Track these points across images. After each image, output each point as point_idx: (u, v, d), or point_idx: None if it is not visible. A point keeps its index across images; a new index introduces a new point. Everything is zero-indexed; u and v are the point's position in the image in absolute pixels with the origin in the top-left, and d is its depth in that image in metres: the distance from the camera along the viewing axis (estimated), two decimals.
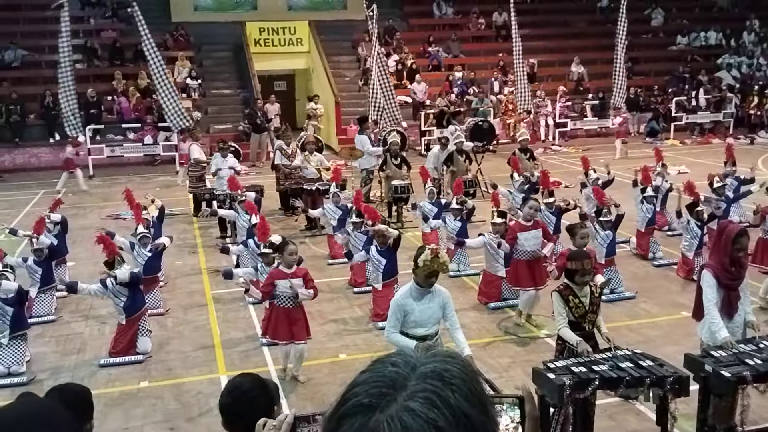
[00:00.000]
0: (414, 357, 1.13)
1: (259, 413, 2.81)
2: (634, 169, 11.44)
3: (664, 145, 20.35)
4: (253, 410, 2.90)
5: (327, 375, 7.19)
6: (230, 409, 3.01)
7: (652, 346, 6.93)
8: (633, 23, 26.41)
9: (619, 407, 6.14)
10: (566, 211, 10.15)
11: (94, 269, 10.19)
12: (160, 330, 8.46)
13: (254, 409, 2.92)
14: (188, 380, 7.20)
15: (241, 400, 3.00)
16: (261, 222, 8.72)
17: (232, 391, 3.07)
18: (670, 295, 9.10)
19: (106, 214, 13.38)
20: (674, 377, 4.90)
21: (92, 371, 7.42)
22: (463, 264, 10.15)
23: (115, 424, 6.31)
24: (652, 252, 10.48)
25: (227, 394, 3.07)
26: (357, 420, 1.06)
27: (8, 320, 7.38)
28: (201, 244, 12.02)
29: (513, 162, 12.40)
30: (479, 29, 25.46)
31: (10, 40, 21.64)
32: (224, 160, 12.58)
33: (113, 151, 18.52)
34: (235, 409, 2.99)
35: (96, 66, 21.92)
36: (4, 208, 14.69)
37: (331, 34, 23.65)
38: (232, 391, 3.08)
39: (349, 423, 1.06)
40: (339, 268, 10.29)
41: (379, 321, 8.07)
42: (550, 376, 4.89)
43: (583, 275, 5.68)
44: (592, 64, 24.33)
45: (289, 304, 6.97)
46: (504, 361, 7.38)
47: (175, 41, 22.95)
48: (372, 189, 14.19)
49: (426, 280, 5.45)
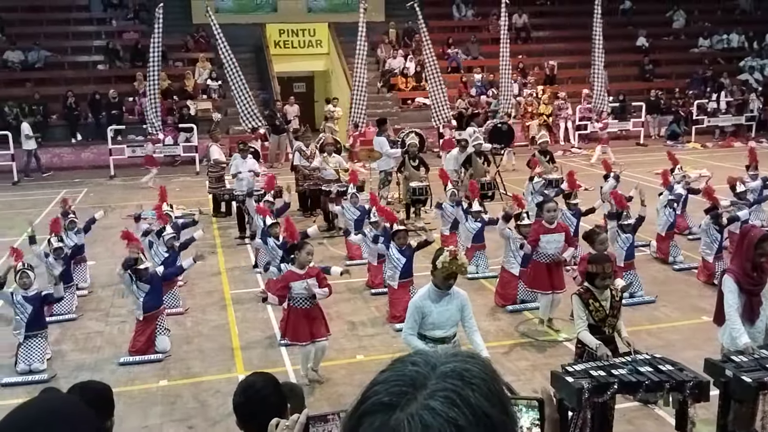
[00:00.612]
0: (434, 356, 1.14)
1: (272, 412, 2.82)
2: (654, 172, 11.35)
3: (685, 148, 20.20)
4: (265, 409, 2.91)
5: (344, 376, 7.20)
6: (243, 408, 3.02)
7: (672, 350, 6.87)
8: (654, 25, 26.30)
9: (638, 412, 6.09)
10: (586, 214, 10.10)
11: (115, 268, 10.28)
12: (179, 329, 8.52)
13: (267, 407, 2.92)
14: (207, 379, 7.25)
15: (254, 398, 3.02)
16: (287, 224, 8.74)
17: (246, 390, 3.09)
18: (690, 300, 9.02)
19: (127, 213, 13.48)
20: (694, 382, 4.85)
21: (112, 369, 7.49)
22: (482, 266, 10.12)
23: (135, 423, 6.36)
24: (672, 256, 10.39)
25: (240, 393, 3.09)
26: (377, 418, 1.06)
27: (26, 318, 7.47)
28: (220, 244, 12.09)
29: (533, 163, 12.35)
30: (499, 31, 25.36)
31: (33, 41, 21.90)
32: (244, 161, 12.65)
33: (134, 151, 18.68)
34: (249, 408, 3.00)
35: (118, 67, 22.13)
36: (26, 207, 14.87)
37: (350, 36, 23.67)
38: (245, 390, 3.09)
39: (369, 421, 1.07)
40: (356, 269, 10.29)
41: (396, 322, 8.08)
42: (569, 379, 4.86)
43: (604, 278, 5.65)
44: (612, 66, 24.18)
45: (307, 305, 6.99)
46: (522, 364, 7.35)
47: (196, 43, 23.13)
48: (390, 190, 14.19)
49: (444, 281, 5.45)
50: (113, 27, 23.76)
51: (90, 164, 19.59)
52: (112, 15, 24.08)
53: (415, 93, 22.55)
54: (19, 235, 12.17)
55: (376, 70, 23.40)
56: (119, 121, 19.79)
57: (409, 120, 21.02)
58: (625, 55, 25.27)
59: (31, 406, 1.41)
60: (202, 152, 17.50)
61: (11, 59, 21.40)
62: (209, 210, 13.99)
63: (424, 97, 22.04)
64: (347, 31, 23.54)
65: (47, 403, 1.48)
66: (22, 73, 21.39)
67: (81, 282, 9.86)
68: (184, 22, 24.03)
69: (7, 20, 22.63)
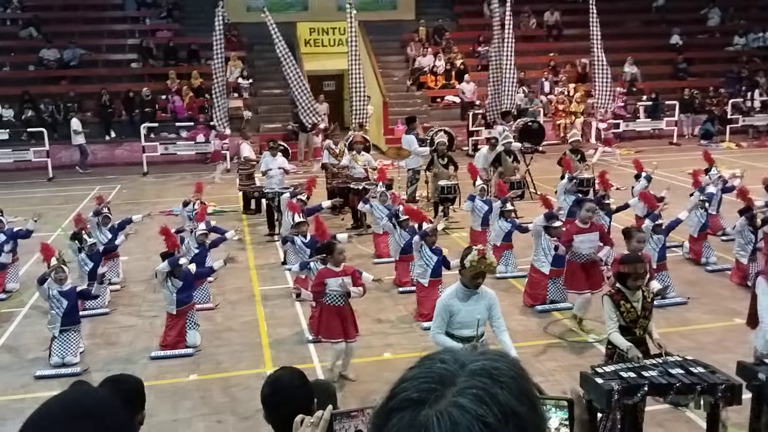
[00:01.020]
0: (463, 354, 1.15)
1: (298, 405, 2.84)
2: (687, 172, 11.19)
3: (719, 148, 19.87)
4: (291, 402, 2.93)
5: (371, 373, 7.22)
6: (270, 400, 3.05)
7: (703, 352, 6.78)
8: (688, 23, 25.89)
9: (668, 414, 6.02)
10: (617, 211, 10.00)
11: (147, 263, 10.45)
12: (209, 324, 8.61)
13: (293, 400, 2.95)
14: (236, 374, 7.32)
15: (280, 391, 3.04)
16: (317, 223, 8.81)
17: (273, 383, 3.12)
18: (723, 301, 8.88)
19: (159, 210, 13.66)
20: (726, 385, 4.78)
21: (143, 363, 7.60)
22: (510, 266, 10.07)
23: (165, 416, 6.45)
24: (705, 257, 10.24)
25: (268, 386, 3.12)
26: (406, 414, 1.07)
27: (61, 312, 7.61)
28: (249, 240, 12.19)
29: (565, 162, 12.23)
30: (530, 29, 25.22)
31: (69, 39, 22.27)
32: (274, 159, 12.73)
33: (166, 148, 18.94)
34: (275, 400, 3.02)
35: (151, 65, 22.40)
36: (60, 203, 15.13)
37: (380, 34, 23.71)
38: (272, 383, 3.12)
39: (398, 417, 1.07)
40: (384, 267, 10.31)
41: (423, 321, 8.08)
42: (598, 380, 4.82)
43: (636, 279, 5.57)
44: (646, 64, 23.88)
45: (340, 302, 7.01)
46: (551, 365, 7.30)
47: (228, 41, 23.29)
48: (418, 189, 14.18)
49: (472, 281, 5.43)
50: (146, 26, 24.07)
51: (123, 161, 19.86)
52: (145, 13, 24.38)
53: (445, 91, 22.48)
54: (52, 230, 12.40)
55: (405, 68, 23.39)
56: (152, 118, 20.05)
57: (438, 118, 20.96)
58: (659, 53, 24.93)
59: (60, 400, 1.43)
60: (233, 150, 17.65)
61: (47, 57, 21.78)
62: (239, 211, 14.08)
63: (453, 95, 21.98)
64: (377, 29, 23.58)
65: (74, 396, 1.50)
66: (58, 71, 21.76)
67: (114, 277, 10.02)
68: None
69: (44, 19, 23.03)
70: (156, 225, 9.60)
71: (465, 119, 20.68)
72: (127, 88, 20.84)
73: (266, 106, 22.29)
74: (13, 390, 7.11)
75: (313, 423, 2.00)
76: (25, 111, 19.88)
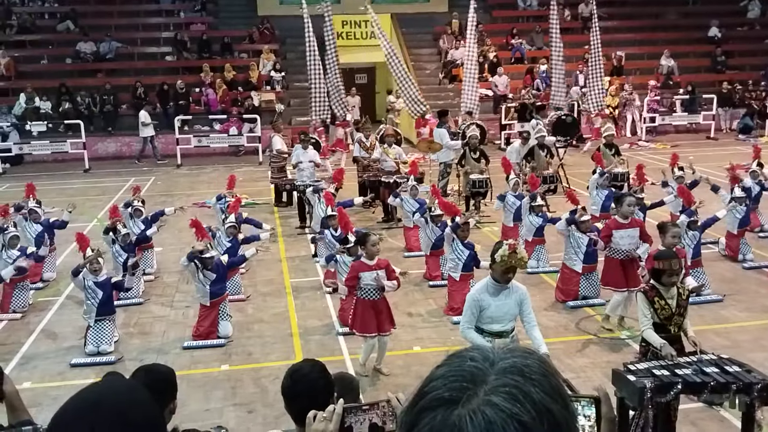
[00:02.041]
0: (492, 352, 1.13)
1: (315, 397, 2.85)
2: (725, 167, 10.98)
3: (758, 142, 19.45)
4: (309, 392, 2.94)
5: (401, 367, 7.22)
6: (288, 391, 3.07)
7: (739, 351, 6.67)
8: (727, 15, 25.37)
9: (702, 413, 5.93)
10: (652, 207, 9.85)
11: (181, 254, 10.54)
12: (241, 316, 8.69)
13: (312, 391, 2.95)
14: (266, 365, 7.37)
15: (300, 382, 3.05)
16: (340, 215, 8.80)
17: (292, 374, 3.13)
18: (760, 299, 8.71)
19: (192, 202, 13.81)
20: (762, 384, 4.69)
21: (176, 353, 7.70)
22: (542, 261, 9.99)
23: (197, 405, 6.52)
24: (742, 254, 10.04)
25: (287, 377, 3.13)
26: (438, 413, 1.05)
27: (97, 303, 7.73)
28: (281, 233, 12.26)
29: (597, 157, 12.09)
30: (565, 21, 24.92)
31: (105, 32, 22.59)
32: (305, 152, 12.77)
33: (200, 141, 19.15)
34: (293, 391, 3.04)
35: (185, 58, 22.62)
36: (96, 194, 15.38)
37: (413, 26, 23.64)
38: (291, 374, 3.14)
39: (430, 416, 1.05)
40: (415, 260, 10.30)
41: (453, 315, 8.06)
42: (631, 378, 4.77)
43: (671, 275, 5.47)
44: (683, 57, 23.46)
45: (375, 296, 7.00)
46: (582, 361, 7.23)
47: (261, 34, 23.44)
48: (449, 183, 14.12)
49: (503, 275, 5.39)
50: (181, 19, 24.30)
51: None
52: (179, 7, 24.63)
53: (479, 84, 22.29)
54: (88, 221, 12.62)
55: (438, 61, 23.28)
56: (186, 111, 20.25)
57: None
58: (696, 46, 24.48)
59: (88, 393, 1.45)
60: (265, 143, 17.76)
61: (84, 50, 22.11)
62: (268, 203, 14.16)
63: (486, 88, 21.83)
64: (409, 22, 23.51)
65: (102, 389, 1.52)
66: (94, 63, 22.08)
67: (147, 268, 10.15)
68: (249, 13, 24.39)
69: (81, 12, 23.39)
70: (190, 216, 9.69)
71: (497, 112, 20.53)
72: (161, 80, 21.08)
73: (298, 99, 22.34)
74: (50, 377, 7.25)
75: (326, 418, 2.00)
76: (62, 103, 20.22)
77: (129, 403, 1.41)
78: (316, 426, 2.01)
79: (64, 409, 1.40)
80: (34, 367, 7.50)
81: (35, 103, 20.21)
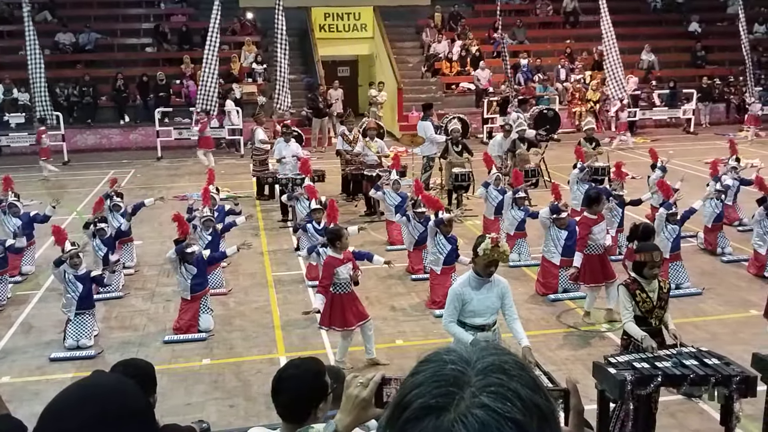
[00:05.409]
0: (467, 352, 1.11)
1: (298, 393, 2.84)
2: (705, 161, 11.08)
3: (737, 137, 19.64)
4: (291, 389, 2.92)
5: (383, 360, 7.21)
6: (275, 384, 3.05)
7: (718, 343, 6.73)
8: (707, 10, 25.55)
9: (681, 405, 5.99)
10: (629, 204, 9.94)
11: (161, 248, 10.49)
12: (223, 309, 8.65)
13: (293, 388, 2.93)
14: (248, 359, 7.35)
15: (283, 379, 3.03)
16: (331, 208, 8.77)
17: (283, 369, 3.12)
18: (738, 292, 8.80)
19: (173, 194, 13.71)
20: (741, 377, 4.74)
21: (156, 347, 7.64)
22: (524, 254, 10.03)
23: (178, 400, 6.49)
24: (721, 247, 10.15)
25: (282, 371, 3.12)
26: (428, 422, 1.02)
27: (77, 296, 7.66)
28: (263, 226, 12.21)
29: (577, 151, 12.14)
30: (547, 15, 25.00)
31: (84, 23, 22.29)
32: (287, 145, 12.71)
33: (180, 133, 18.95)
34: (278, 386, 3.02)
35: (165, 50, 22.40)
36: (75, 187, 15.22)
37: (395, 19, 23.58)
38: (282, 369, 3.12)
39: (419, 427, 1.02)
40: (397, 254, 10.29)
41: (435, 308, 8.07)
42: (611, 371, 4.80)
43: (652, 267, 5.52)
44: (664, 52, 23.60)
45: (348, 290, 7.03)
46: (563, 354, 7.28)
47: (242, 26, 23.26)
48: (432, 176, 14.13)
49: (485, 269, 5.40)
50: (161, 10, 24.05)
51: (137, 146, 19.93)
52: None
53: (460, 78, 22.35)
54: (67, 214, 12.48)
55: (420, 55, 23.26)
56: (166, 103, 20.06)
57: (453, 105, 20.86)
58: (677, 41, 24.64)
59: (78, 387, 1.44)
60: (246, 136, 17.64)
61: (63, 41, 21.82)
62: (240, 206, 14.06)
63: (468, 81, 21.85)
64: (392, 14, 23.44)
65: (92, 381, 1.50)
66: (73, 55, 21.79)
67: (128, 261, 10.07)
68: (231, 5, 24.16)
69: (59, 3, 23.06)
70: (170, 209, 9.61)
71: (480, 106, 20.56)
72: (141, 72, 20.86)
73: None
74: (29, 372, 7.18)
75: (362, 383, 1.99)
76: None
77: (118, 395, 1.40)
78: (352, 390, 2.01)
79: (54, 402, 1.38)
80: (12, 361, 7.42)
81: (13, 95, 19.94)
